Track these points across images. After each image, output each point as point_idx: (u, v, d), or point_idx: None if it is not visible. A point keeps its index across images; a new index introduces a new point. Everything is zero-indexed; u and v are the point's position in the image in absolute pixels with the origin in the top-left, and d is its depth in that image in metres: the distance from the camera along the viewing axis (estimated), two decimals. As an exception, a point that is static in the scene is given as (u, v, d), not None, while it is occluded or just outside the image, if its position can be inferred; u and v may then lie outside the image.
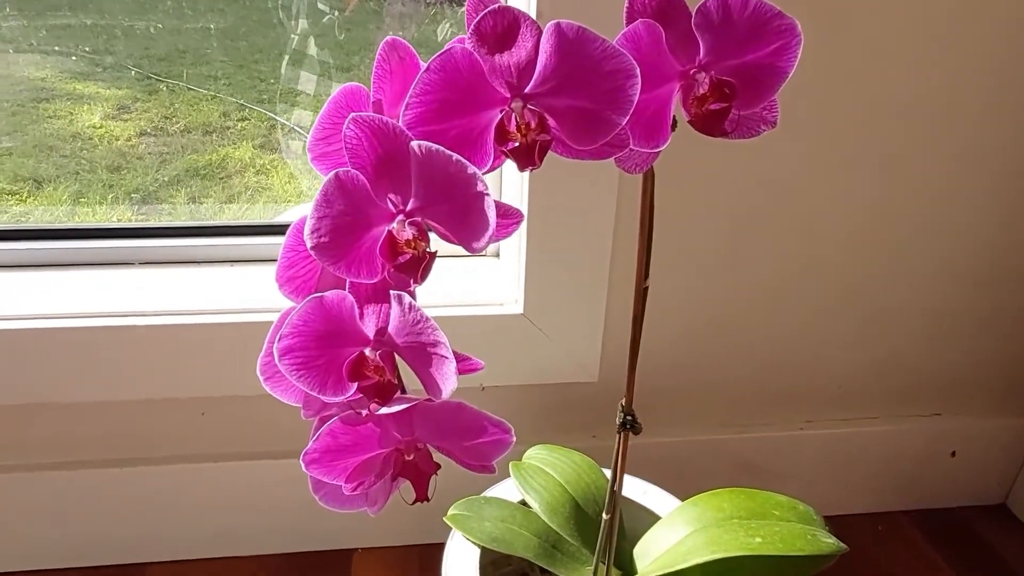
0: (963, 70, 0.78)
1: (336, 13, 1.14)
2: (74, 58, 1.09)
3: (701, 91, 0.43)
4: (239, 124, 1.28)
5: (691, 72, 0.43)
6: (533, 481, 0.73)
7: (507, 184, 0.82)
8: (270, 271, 0.45)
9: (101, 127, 1.22)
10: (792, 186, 0.82)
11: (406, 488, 0.48)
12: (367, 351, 0.40)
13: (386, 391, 0.40)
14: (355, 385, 0.41)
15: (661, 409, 0.90)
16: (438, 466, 0.44)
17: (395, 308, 0.40)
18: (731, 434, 0.94)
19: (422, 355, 0.39)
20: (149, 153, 1.22)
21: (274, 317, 0.45)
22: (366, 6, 1.14)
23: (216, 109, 1.26)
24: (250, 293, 0.81)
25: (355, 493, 0.45)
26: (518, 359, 0.84)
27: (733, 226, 0.83)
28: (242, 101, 1.25)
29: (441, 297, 0.82)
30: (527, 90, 0.38)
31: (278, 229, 0.90)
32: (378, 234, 0.39)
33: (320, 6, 1.13)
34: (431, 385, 0.40)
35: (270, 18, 1.12)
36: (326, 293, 0.40)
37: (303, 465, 0.43)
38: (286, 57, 1.15)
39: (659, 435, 0.90)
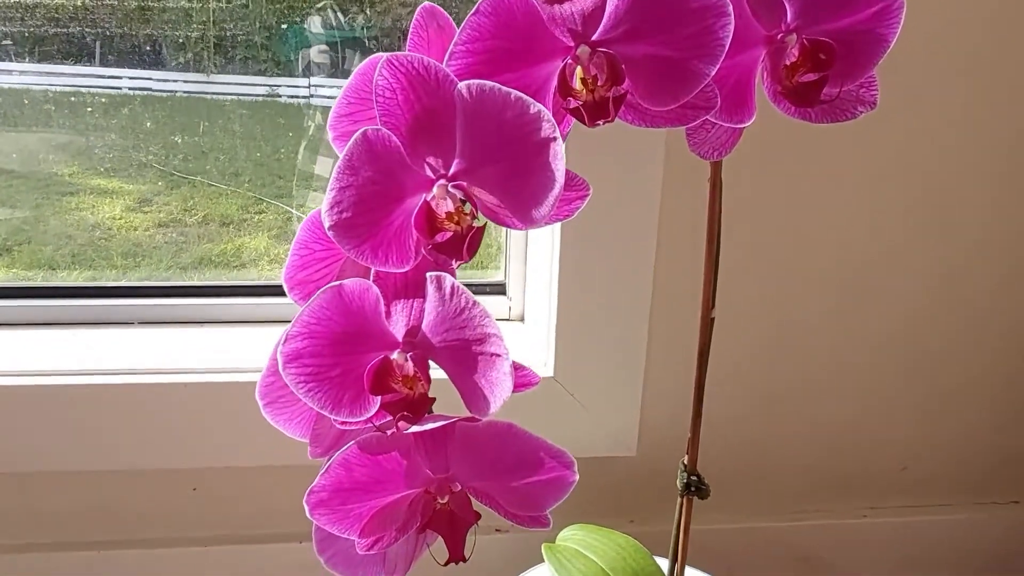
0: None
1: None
2: (102, 156, 1.10)
3: (792, 59, 0.36)
4: (256, 216, 1.28)
5: (778, 37, 0.36)
6: (571, 566, 0.62)
7: (534, 235, 0.74)
8: (271, 332, 0.36)
9: (121, 218, 1.21)
10: (856, 249, 0.74)
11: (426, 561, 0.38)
12: (395, 355, 0.31)
13: (418, 406, 0.31)
14: (378, 401, 0.32)
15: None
16: (478, 515, 0.35)
17: (432, 295, 0.31)
18: (786, 521, 0.82)
19: (466, 357, 0.30)
20: (165, 243, 1.20)
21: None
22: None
23: (235, 203, 1.25)
24: (249, 354, 0.72)
25: (371, 552, 0.35)
26: (545, 428, 0.72)
27: (791, 293, 0.75)
28: (260, 196, 1.25)
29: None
30: (595, 37, 0.32)
31: (277, 290, 0.83)
32: (412, 207, 0.31)
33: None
34: (475, 397, 0.30)
35: (291, 123, 1.12)
36: (346, 282, 0.32)
37: (307, 508, 0.33)
38: (304, 142, 1.14)
39: (706, 522, 0.77)
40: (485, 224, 0.30)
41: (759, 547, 0.81)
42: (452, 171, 0.30)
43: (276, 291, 0.84)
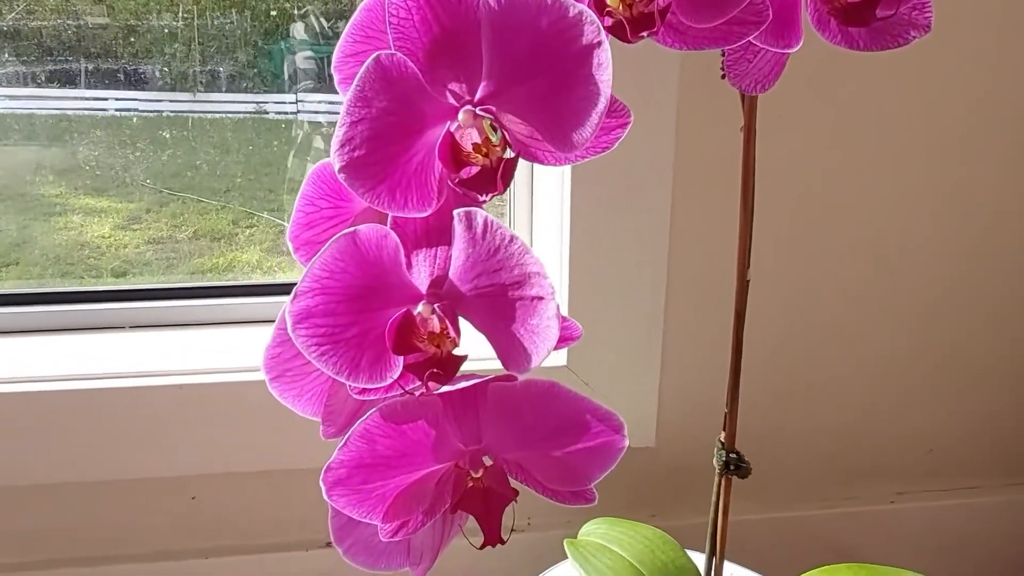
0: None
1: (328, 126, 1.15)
2: (89, 176, 1.08)
3: (839, -23, 0.32)
4: (247, 231, 1.27)
5: (825, -47, 0.32)
6: (597, 561, 0.57)
7: (540, 215, 0.70)
8: (268, 332, 0.32)
9: (110, 236, 1.19)
10: (879, 231, 0.70)
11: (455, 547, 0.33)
12: (419, 308, 0.27)
13: (447, 364, 0.27)
14: (400, 364, 0.28)
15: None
16: (515, 491, 0.30)
17: (461, 236, 0.27)
18: (810, 510, 0.78)
19: (502, 305, 0.26)
20: (156, 259, 1.19)
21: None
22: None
23: (225, 217, 1.24)
24: (246, 353, 0.67)
25: (395, 539, 0.31)
26: (563, 421, 0.69)
27: (813, 277, 0.71)
28: (250, 210, 1.23)
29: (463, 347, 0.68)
30: (631, -56, 0.28)
31: (272, 289, 0.79)
32: (433, 140, 0.27)
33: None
34: (513, 350, 0.26)
35: (279, 138, 1.12)
36: (360, 228, 0.28)
37: (324, 489, 0.29)
38: (292, 151, 1.13)
39: (730, 513, 0.74)
40: (518, 155, 0.27)
41: (787, 537, 0.77)
42: (479, 95, 0.26)
43: (271, 291, 0.80)
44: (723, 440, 0.47)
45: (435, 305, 0.27)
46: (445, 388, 0.27)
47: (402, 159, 0.27)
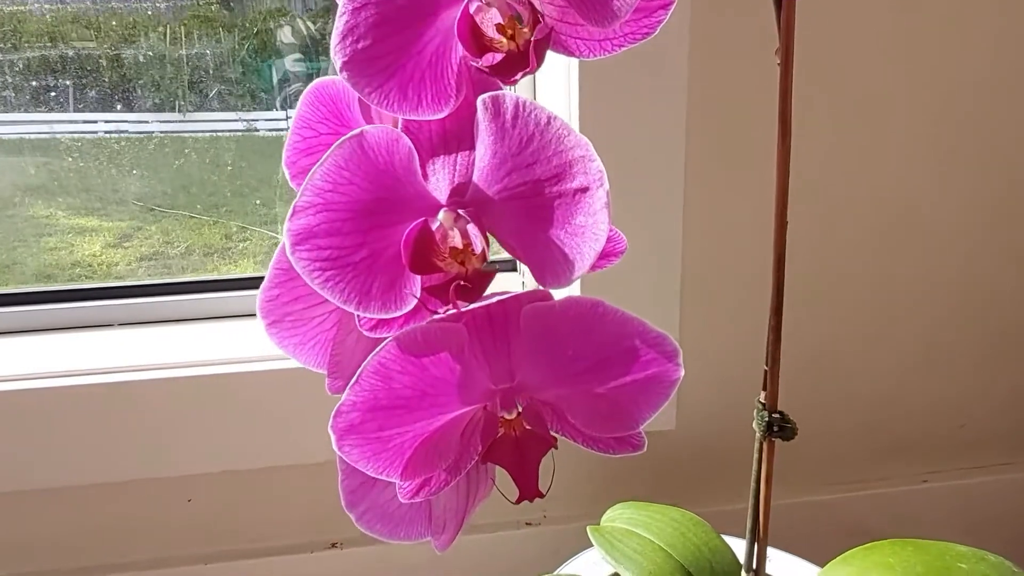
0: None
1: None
2: (79, 197, 1.07)
3: None
4: (240, 244, 1.26)
5: None
6: (624, 547, 0.53)
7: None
8: (259, 324, 0.28)
9: (101, 254, 1.19)
10: (897, 189, 0.67)
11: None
12: (440, 216, 0.23)
13: (476, 280, 0.23)
14: (419, 287, 0.24)
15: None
16: (554, 439, 0.26)
17: (486, 128, 0.22)
18: (838, 493, 0.73)
19: (537, 206, 0.22)
20: (149, 275, 1.18)
21: (268, 366, 0.28)
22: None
23: (218, 232, 1.24)
24: (239, 346, 0.63)
25: (416, 499, 0.26)
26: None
27: (830, 240, 0.68)
28: (243, 224, 1.23)
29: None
30: None
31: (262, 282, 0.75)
32: (449, 23, 0.23)
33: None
34: (550, 259, 0.22)
35: (270, 153, 1.11)
36: (368, 129, 0.24)
37: (333, 439, 0.24)
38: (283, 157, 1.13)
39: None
40: (550, 31, 0.23)
41: (815, 521, 0.72)
42: (501, -34, 0.23)
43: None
44: (763, 400, 0.43)
45: (458, 211, 0.23)
46: (475, 305, 0.23)
47: (414, 48, 0.23)
